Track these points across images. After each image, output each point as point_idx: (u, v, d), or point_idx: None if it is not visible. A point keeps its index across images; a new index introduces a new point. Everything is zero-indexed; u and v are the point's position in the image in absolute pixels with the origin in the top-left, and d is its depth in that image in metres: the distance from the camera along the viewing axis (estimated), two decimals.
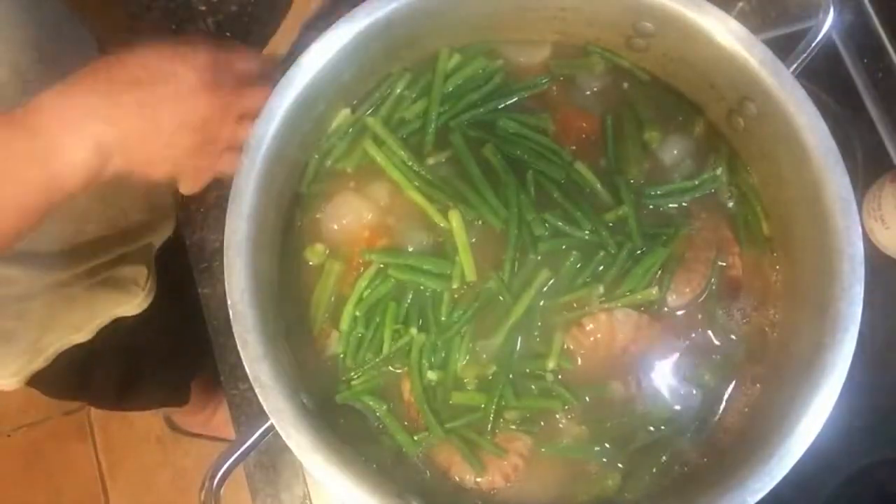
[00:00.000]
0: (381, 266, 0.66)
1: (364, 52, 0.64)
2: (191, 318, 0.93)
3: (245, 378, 0.55)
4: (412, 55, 0.70)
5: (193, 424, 1.69)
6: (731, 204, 0.69)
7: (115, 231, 0.81)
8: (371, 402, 0.63)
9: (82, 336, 0.87)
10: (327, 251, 0.67)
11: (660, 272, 0.66)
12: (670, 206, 0.69)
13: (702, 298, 0.67)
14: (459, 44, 0.71)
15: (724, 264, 0.67)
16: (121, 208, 0.80)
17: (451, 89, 0.70)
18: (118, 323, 0.89)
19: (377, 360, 0.64)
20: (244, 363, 0.55)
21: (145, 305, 0.91)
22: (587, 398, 0.64)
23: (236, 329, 0.56)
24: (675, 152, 0.70)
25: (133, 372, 1.05)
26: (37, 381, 0.88)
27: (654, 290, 0.65)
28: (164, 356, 1.06)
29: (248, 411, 0.75)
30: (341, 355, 0.65)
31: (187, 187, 0.59)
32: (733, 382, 0.65)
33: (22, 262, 0.73)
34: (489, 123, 0.70)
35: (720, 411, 0.65)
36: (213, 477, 0.56)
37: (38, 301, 0.79)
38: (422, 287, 0.65)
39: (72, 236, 0.76)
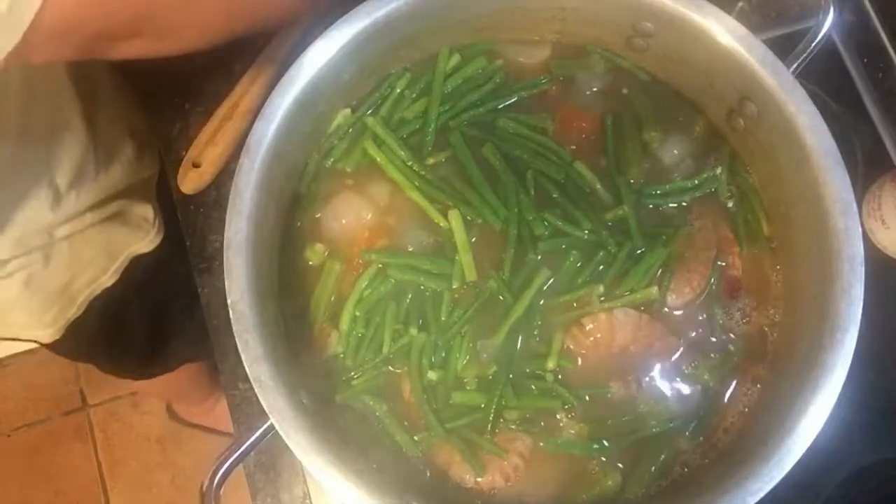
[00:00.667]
0: (381, 266, 0.66)
1: (364, 52, 0.64)
2: None
3: (245, 378, 0.55)
4: (412, 55, 0.70)
5: (194, 415, 1.70)
6: (730, 204, 0.69)
7: (102, 155, 0.84)
8: (371, 402, 0.63)
9: (108, 278, 0.91)
10: (327, 251, 0.67)
11: (660, 272, 0.66)
12: (670, 205, 0.69)
13: (702, 298, 0.67)
14: (459, 44, 0.71)
15: (724, 264, 0.67)
16: (102, 131, 0.84)
17: (450, 89, 0.70)
18: (139, 267, 0.93)
19: (377, 360, 0.64)
20: (244, 363, 0.55)
21: (158, 241, 0.94)
22: (587, 398, 0.64)
23: (236, 329, 0.56)
24: (675, 152, 0.70)
25: (160, 319, 1.08)
26: (72, 333, 0.92)
27: (654, 290, 0.65)
28: (185, 304, 1.09)
29: (248, 411, 0.75)
30: (341, 355, 0.65)
31: None
32: (733, 382, 0.65)
33: (26, 199, 0.76)
34: (489, 123, 0.70)
35: (720, 411, 0.64)
36: (213, 477, 0.56)
37: (59, 244, 0.82)
38: (422, 287, 0.65)
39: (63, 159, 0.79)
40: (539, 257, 0.66)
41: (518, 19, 0.70)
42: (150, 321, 1.07)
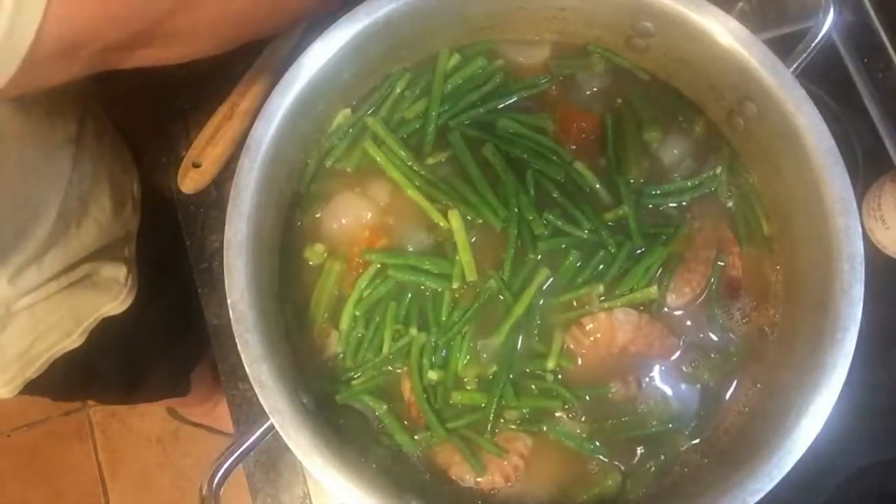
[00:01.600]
0: (381, 266, 0.66)
1: (364, 52, 0.64)
2: (182, 309, 0.93)
3: (245, 378, 0.55)
4: (412, 55, 0.70)
5: (195, 415, 1.70)
6: (730, 203, 0.69)
7: (81, 219, 0.80)
8: (371, 402, 0.63)
9: (73, 341, 0.86)
10: (327, 251, 0.67)
11: (659, 272, 0.66)
12: (670, 205, 0.69)
13: (701, 298, 0.67)
14: (459, 44, 0.71)
15: (724, 264, 0.67)
16: (84, 198, 0.80)
17: (450, 89, 0.70)
18: (108, 323, 0.89)
19: (377, 360, 0.64)
20: (244, 363, 0.55)
21: (129, 302, 0.90)
22: (587, 398, 0.64)
23: (236, 329, 0.56)
24: (675, 152, 0.70)
25: (133, 370, 1.05)
26: (35, 387, 0.88)
27: (654, 290, 0.65)
28: (161, 350, 1.06)
29: (248, 411, 0.75)
30: (341, 355, 0.65)
31: None
32: (733, 382, 0.65)
33: None
34: (489, 123, 0.70)
35: (720, 411, 0.64)
36: (212, 477, 0.56)
37: (20, 313, 0.78)
38: (422, 287, 0.65)
39: (37, 227, 0.75)
40: (539, 257, 0.65)
41: (518, 19, 0.70)
42: (125, 370, 1.02)
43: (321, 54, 0.61)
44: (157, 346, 1.04)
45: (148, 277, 0.92)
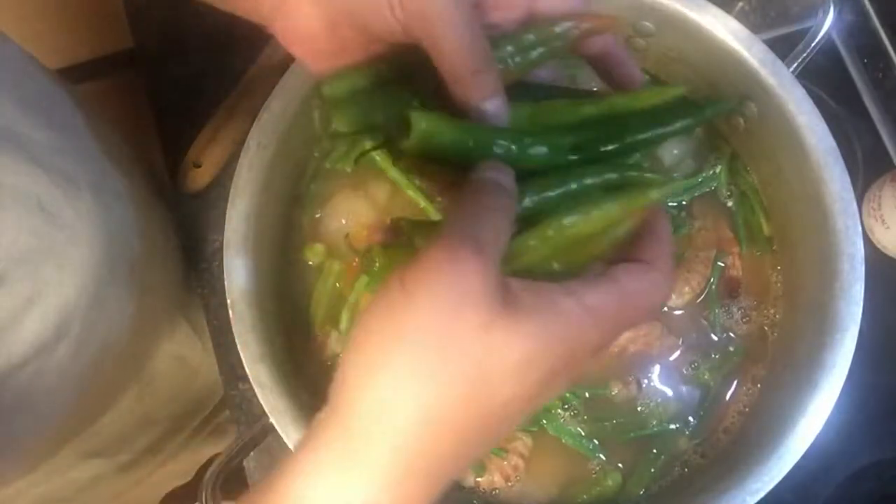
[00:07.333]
0: (381, 265, 0.65)
1: None
2: None
3: (245, 378, 0.55)
4: None
5: None
6: (730, 203, 0.69)
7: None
8: None
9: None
10: (327, 251, 0.67)
11: None
12: (670, 205, 0.69)
13: (701, 298, 0.67)
14: None
15: (724, 264, 0.67)
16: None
17: None
18: None
19: None
20: (244, 363, 0.55)
21: None
22: (587, 397, 0.64)
23: (236, 329, 0.56)
24: (676, 152, 0.70)
25: None
26: None
27: None
28: None
29: (248, 411, 0.75)
30: (341, 355, 0.65)
31: None
32: (733, 382, 0.65)
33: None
34: None
35: (720, 411, 0.64)
36: (212, 477, 0.56)
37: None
38: None
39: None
40: None
41: None
42: None
43: None
44: None
45: None
